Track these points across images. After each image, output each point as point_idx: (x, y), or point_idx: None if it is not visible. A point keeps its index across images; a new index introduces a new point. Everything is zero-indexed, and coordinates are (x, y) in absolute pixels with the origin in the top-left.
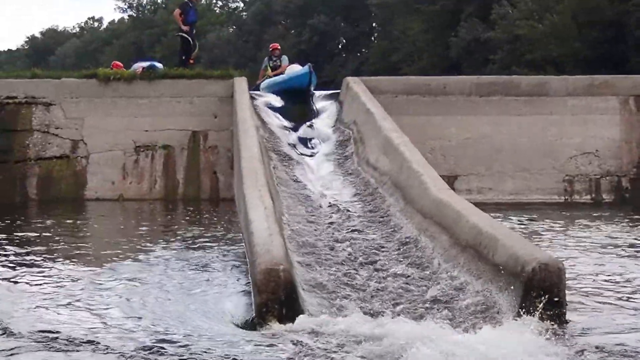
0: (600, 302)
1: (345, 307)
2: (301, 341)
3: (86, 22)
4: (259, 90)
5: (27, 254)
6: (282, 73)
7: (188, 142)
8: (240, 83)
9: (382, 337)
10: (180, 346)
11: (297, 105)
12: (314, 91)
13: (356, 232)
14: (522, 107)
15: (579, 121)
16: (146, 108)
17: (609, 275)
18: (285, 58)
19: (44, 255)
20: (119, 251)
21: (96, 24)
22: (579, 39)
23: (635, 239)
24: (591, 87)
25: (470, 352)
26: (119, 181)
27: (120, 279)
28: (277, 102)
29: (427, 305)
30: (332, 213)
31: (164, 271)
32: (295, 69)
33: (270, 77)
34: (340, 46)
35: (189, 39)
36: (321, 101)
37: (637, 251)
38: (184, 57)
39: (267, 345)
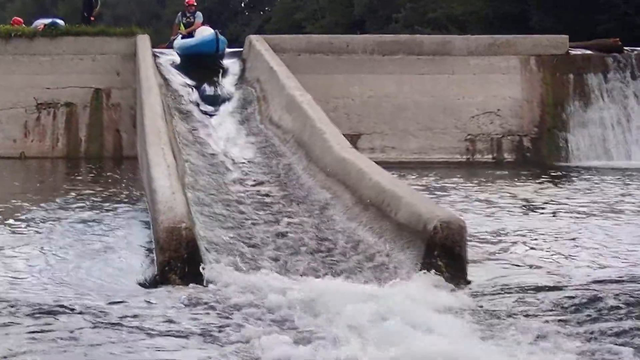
0: (500, 260)
1: (247, 264)
2: (200, 297)
3: None
4: (172, 48)
5: None
6: (194, 30)
7: (91, 99)
8: (143, 41)
9: (284, 291)
10: (82, 304)
11: (202, 64)
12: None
13: (258, 191)
14: (425, 66)
15: (481, 80)
16: (48, 65)
17: (508, 233)
18: (199, 15)
19: None
20: (19, 210)
21: None
22: None
23: (536, 197)
24: (493, 47)
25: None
26: (21, 139)
27: (22, 239)
28: (181, 60)
29: (328, 261)
30: (235, 172)
31: (66, 229)
32: (204, 33)
33: (182, 34)
34: (243, 4)
35: None
36: (225, 60)
37: (535, 208)
38: (86, 14)
39: (167, 302)
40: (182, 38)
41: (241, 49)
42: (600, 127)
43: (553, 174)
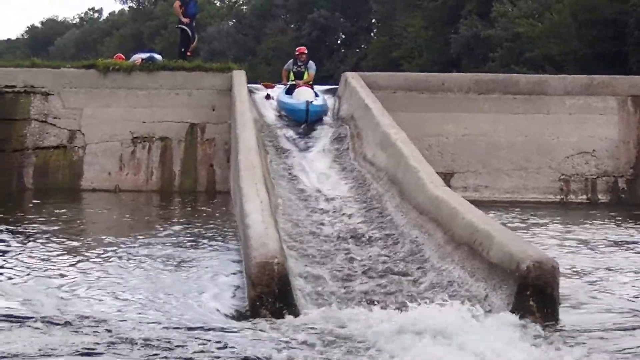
0: (592, 301)
1: (339, 302)
2: (292, 335)
3: (86, 13)
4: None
5: (24, 246)
6: (309, 82)
7: (185, 134)
8: (239, 76)
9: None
10: (176, 338)
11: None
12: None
13: (351, 227)
14: (520, 106)
15: (577, 120)
16: (144, 99)
17: (599, 273)
18: (312, 66)
19: (41, 249)
20: (114, 243)
21: (96, 15)
22: (578, 38)
23: (630, 238)
24: (589, 87)
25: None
26: (116, 172)
27: (118, 272)
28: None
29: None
30: (328, 208)
31: (160, 263)
32: (299, 98)
33: (293, 83)
34: (339, 41)
35: (189, 31)
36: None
37: (629, 249)
38: (183, 50)
39: (257, 339)
40: (288, 91)
41: (336, 86)
42: None
43: None
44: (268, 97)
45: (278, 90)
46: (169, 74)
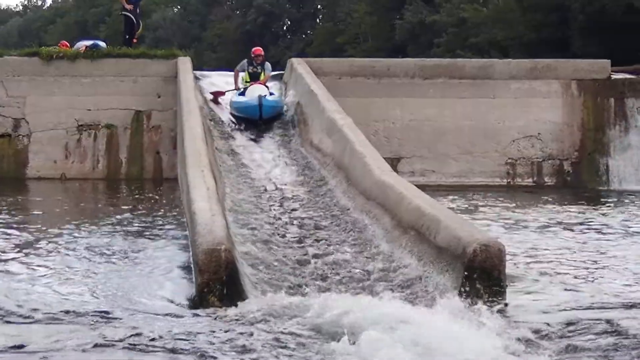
0: (539, 283)
1: (287, 287)
2: (240, 320)
3: (29, 1)
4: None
5: None
6: (264, 84)
7: (131, 121)
8: (184, 63)
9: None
10: (121, 323)
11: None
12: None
13: (298, 213)
14: (466, 90)
15: (522, 104)
16: (89, 87)
17: (546, 255)
18: (268, 67)
19: None
20: (60, 233)
21: (39, 3)
22: (523, 23)
23: (576, 220)
24: (534, 71)
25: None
26: (61, 160)
27: (61, 259)
28: (223, 83)
29: (367, 283)
30: (275, 194)
31: (106, 250)
32: (253, 94)
33: (247, 85)
34: (285, 27)
35: (133, 18)
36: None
37: (574, 231)
38: (127, 37)
39: (206, 324)
40: (242, 93)
41: (282, 72)
42: None
43: (593, 197)
44: (217, 102)
45: (230, 96)
46: (113, 61)
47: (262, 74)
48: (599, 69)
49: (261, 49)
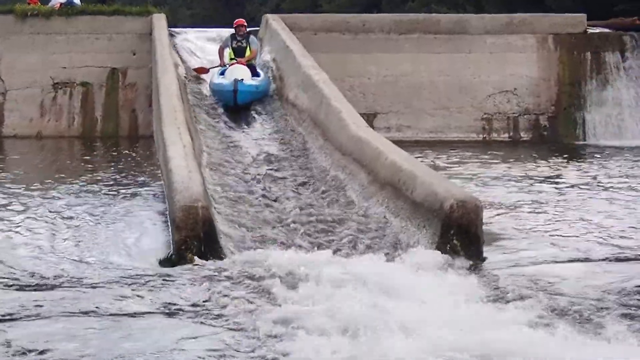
0: (516, 238)
1: (262, 242)
2: (217, 277)
3: None
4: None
5: None
6: (252, 59)
7: (106, 79)
8: (159, 20)
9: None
10: (103, 284)
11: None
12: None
13: (274, 170)
14: (442, 45)
15: (498, 59)
16: (64, 45)
17: (522, 210)
18: (254, 40)
19: None
20: (36, 191)
21: None
22: None
23: (552, 174)
24: (510, 26)
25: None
26: (37, 118)
27: (41, 216)
28: (198, 41)
29: (343, 240)
30: (251, 151)
31: (81, 208)
32: (233, 73)
33: (232, 61)
34: None
35: None
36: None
37: (549, 185)
38: None
39: (184, 281)
40: (223, 72)
41: (257, 29)
42: (617, 106)
43: (569, 152)
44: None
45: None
46: (88, 19)
47: (248, 48)
48: (575, 23)
49: (243, 20)
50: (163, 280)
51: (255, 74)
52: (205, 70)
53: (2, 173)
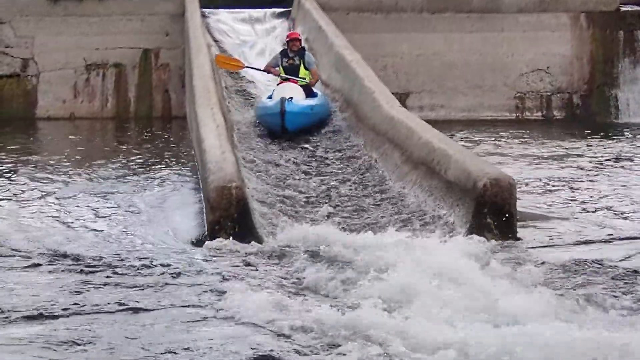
0: (550, 216)
1: (298, 221)
2: (252, 257)
3: None
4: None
5: None
6: (311, 87)
7: (139, 60)
8: (192, 1)
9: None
10: (137, 264)
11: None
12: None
13: (310, 149)
14: (474, 24)
15: (530, 38)
16: (96, 26)
17: (557, 188)
18: (311, 58)
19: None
20: (71, 171)
21: None
22: None
23: (586, 153)
24: (542, 4)
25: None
26: (70, 100)
27: (73, 199)
28: (231, 21)
29: (380, 218)
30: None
31: (116, 189)
32: (281, 92)
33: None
34: None
35: None
36: (273, 20)
37: (584, 164)
38: None
39: (218, 261)
40: (270, 96)
41: (289, 9)
42: None
43: (601, 130)
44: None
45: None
46: (120, 0)
47: (302, 65)
48: (608, 1)
49: (298, 33)
50: (197, 260)
51: (310, 94)
52: (234, 65)
53: (37, 155)
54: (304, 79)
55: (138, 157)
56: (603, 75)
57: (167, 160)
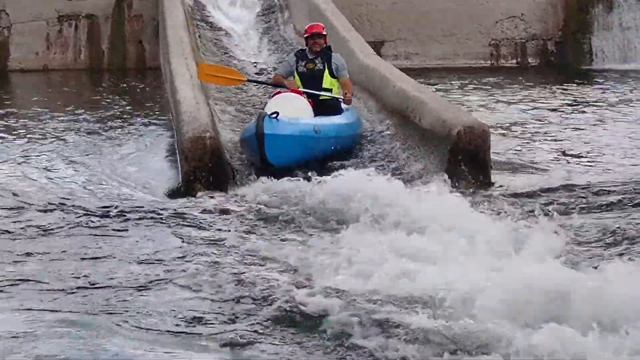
0: (524, 163)
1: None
2: (226, 207)
3: None
4: None
5: None
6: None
7: (112, 11)
8: None
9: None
10: (111, 214)
11: None
12: None
13: None
14: None
15: None
16: None
17: (530, 135)
18: (340, 61)
19: None
20: (45, 123)
21: None
22: None
23: (559, 99)
24: None
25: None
26: (43, 52)
27: (48, 148)
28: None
29: (354, 163)
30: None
31: (91, 139)
32: (276, 104)
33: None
34: None
35: None
36: None
37: (557, 110)
38: None
39: (192, 211)
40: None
41: None
42: (624, 30)
43: (576, 77)
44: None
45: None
46: None
47: (326, 71)
48: None
49: (322, 26)
50: (171, 211)
51: (334, 111)
52: (227, 78)
53: (10, 107)
54: (330, 90)
55: (113, 108)
56: (577, 22)
57: (141, 111)
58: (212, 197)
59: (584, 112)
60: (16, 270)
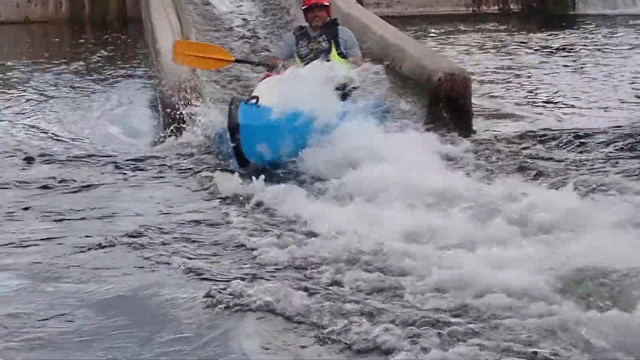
0: (505, 110)
1: None
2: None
3: None
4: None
5: None
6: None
7: None
8: None
9: None
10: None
11: None
12: None
13: (263, 45)
14: None
15: None
16: None
17: (512, 82)
18: (348, 35)
19: None
20: (26, 74)
21: None
22: None
23: (539, 45)
24: None
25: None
26: (24, 4)
27: (30, 99)
28: None
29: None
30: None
31: (72, 90)
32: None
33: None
34: None
35: None
36: None
37: (538, 56)
38: None
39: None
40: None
41: None
42: None
43: (557, 22)
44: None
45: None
46: None
47: (332, 50)
48: None
49: None
50: (154, 160)
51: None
52: (207, 59)
53: None
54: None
55: (94, 59)
56: None
57: (123, 62)
58: (192, 146)
59: (564, 56)
60: None
